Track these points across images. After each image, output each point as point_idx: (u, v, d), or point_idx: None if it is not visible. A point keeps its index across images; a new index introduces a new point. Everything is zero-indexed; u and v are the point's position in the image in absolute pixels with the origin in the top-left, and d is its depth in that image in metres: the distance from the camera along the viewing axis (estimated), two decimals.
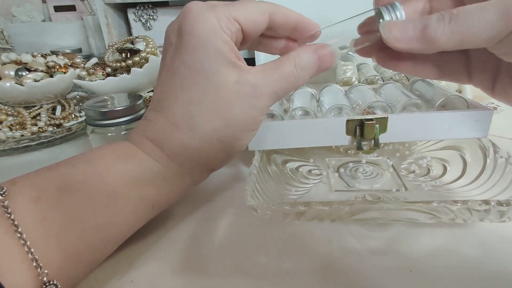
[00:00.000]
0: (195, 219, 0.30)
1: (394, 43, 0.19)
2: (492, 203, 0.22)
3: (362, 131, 0.27)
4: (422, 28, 0.18)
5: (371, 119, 0.27)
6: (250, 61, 0.49)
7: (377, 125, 0.27)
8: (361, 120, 0.27)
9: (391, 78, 0.39)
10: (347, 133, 0.28)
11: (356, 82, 0.40)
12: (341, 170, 0.35)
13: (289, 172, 0.33)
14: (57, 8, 0.72)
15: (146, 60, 0.51)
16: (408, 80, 0.38)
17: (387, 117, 0.27)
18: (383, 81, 0.39)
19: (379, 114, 0.29)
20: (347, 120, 0.27)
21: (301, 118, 0.30)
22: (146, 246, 0.27)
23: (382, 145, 0.33)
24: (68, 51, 0.61)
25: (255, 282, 0.23)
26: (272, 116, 0.30)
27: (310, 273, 0.23)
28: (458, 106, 0.29)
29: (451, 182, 0.31)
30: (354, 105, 0.32)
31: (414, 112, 0.29)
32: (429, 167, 0.34)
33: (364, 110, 0.30)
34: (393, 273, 0.23)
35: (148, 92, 0.53)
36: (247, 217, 0.29)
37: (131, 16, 0.58)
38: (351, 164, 0.35)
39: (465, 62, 0.23)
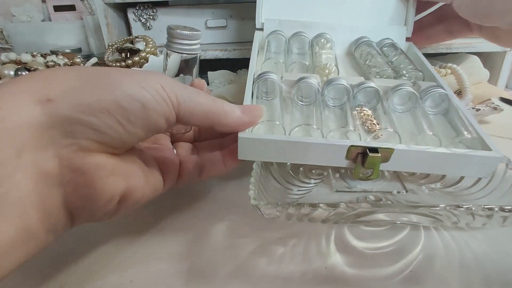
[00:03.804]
0: (195, 219, 0.30)
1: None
2: (496, 208, 0.22)
3: (364, 159, 0.25)
4: None
5: (376, 151, 0.25)
6: (242, 61, 0.48)
7: (380, 155, 0.25)
8: (364, 148, 0.25)
9: (403, 75, 0.36)
10: (347, 157, 0.26)
11: (334, 69, 0.36)
12: (342, 170, 0.34)
13: (290, 171, 0.33)
14: (57, 8, 0.72)
15: (146, 60, 0.51)
16: (414, 83, 0.34)
17: (393, 149, 0.25)
18: (396, 76, 0.35)
19: (384, 139, 0.28)
20: (350, 146, 0.25)
21: (305, 105, 0.30)
22: (146, 246, 0.27)
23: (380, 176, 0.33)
24: (67, 51, 0.61)
25: (255, 282, 0.23)
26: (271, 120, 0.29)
27: (310, 273, 0.23)
28: (470, 144, 0.27)
29: (451, 186, 0.31)
30: (358, 108, 0.31)
31: (422, 146, 0.26)
32: None
33: (369, 121, 0.28)
34: (393, 272, 0.23)
35: None
36: (247, 217, 0.29)
37: (131, 16, 0.58)
38: None
39: (467, 24, 0.40)
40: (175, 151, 0.29)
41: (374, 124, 0.29)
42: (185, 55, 0.28)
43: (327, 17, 0.43)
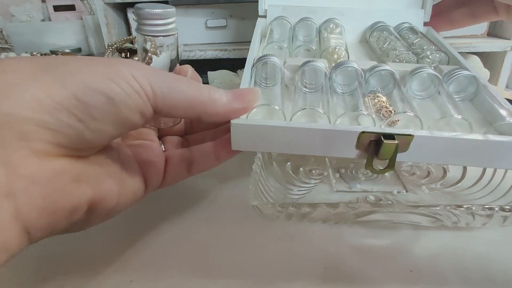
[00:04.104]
0: (195, 219, 0.30)
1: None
2: (496, 208, 0.22)
3: (378, 148, 0.21)
4: None
5: (393, 137, 0.21)
6: (242, 61, 0.48)
7: (397, 143, 0.21)
8: (379, 135, 0.21)
9: (427, 57, 0.32)
10: (358, 147, 0.22)
11: (344, 53, 0.33)
12: (342, 170, 0.34)
13: (290, 171, 0.33)
14: (57, 8, 0.72)
15: None
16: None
17: (413, 136, 0.21)
18: (418, 60, 0.32)
19: (402, 126, 0.24)
20: (361, 133, 0.21)
21: (311, 93, 0.27)
22: (146, 246, 0.27)
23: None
24: (67, 50, 0.61)
25: (255, 282, 0.23)
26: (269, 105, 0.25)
27: (309, 273, 0.23)
28: (507, 131, 0.23)
29: (452, 185, 0.31)
30: (370, 95, 0.27)
31: (448, 132, 0.21)
32: (429, 169, 0.34)
33: (384, 108, 0.25)
34: (393, 272, 0.23)
35: None
36: (247, 217, 0.29)
37: (130, 15, 0.58)
38: (351, 165, 0.35)
39: (492, 6, 0.37)
40: (163, 147, 0.26)
41: (390, 111, 0.25)
42: (161, 37, 0.24)
43: (335, 2, 0.40)
